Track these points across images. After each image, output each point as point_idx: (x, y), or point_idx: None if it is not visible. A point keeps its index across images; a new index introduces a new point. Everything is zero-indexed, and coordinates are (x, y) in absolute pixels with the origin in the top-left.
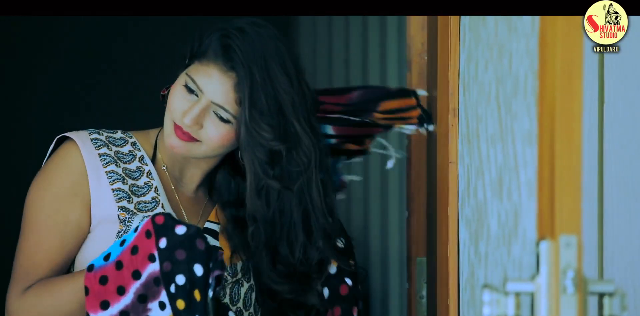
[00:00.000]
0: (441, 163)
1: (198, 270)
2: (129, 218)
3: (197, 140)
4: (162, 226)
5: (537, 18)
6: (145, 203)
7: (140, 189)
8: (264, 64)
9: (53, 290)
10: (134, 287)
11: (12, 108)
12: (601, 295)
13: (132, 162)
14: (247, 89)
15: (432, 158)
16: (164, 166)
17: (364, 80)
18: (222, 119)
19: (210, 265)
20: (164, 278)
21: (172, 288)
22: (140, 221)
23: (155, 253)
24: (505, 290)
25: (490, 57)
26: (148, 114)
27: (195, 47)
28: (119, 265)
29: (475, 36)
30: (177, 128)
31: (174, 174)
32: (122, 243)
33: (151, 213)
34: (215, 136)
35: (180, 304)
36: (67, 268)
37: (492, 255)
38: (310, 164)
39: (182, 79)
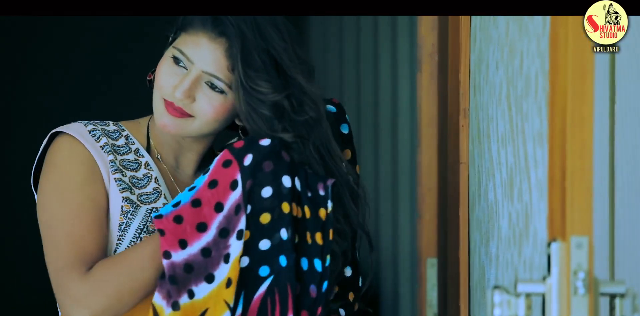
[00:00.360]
0: (452, 164)
1: (286, 181)
2: (132, 211)
3: (190, 116)
4: (245, 145)
5: (548, 19)
6: (147, 194)
7: (140, 181)
8: (254, 22)
9: (123, 261)
10: (216, 221)
11: (17, 108)
12: (612, 296)
13: (129, 153)
14: (239, 48)
15: (443, 159)
16: (158, 155)
17: (375, 80)
18: (215, 90)
19: (305, 176)
20: (244, 198)
21: (249, 208)
22: (144, 215)
23: (238, 177)
24: (516, 291)
25: (501, 58)
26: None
27: (180, 21)
28: (195, 203)
29: (486, 36)
30: (168, 105)
31: (169, 162)
32: (192, 188)
33: (155, 205)
34: (209, 109)
35: (265, 218)
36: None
37: (502, 256)
38: (320, 112)
39: (169, 53)
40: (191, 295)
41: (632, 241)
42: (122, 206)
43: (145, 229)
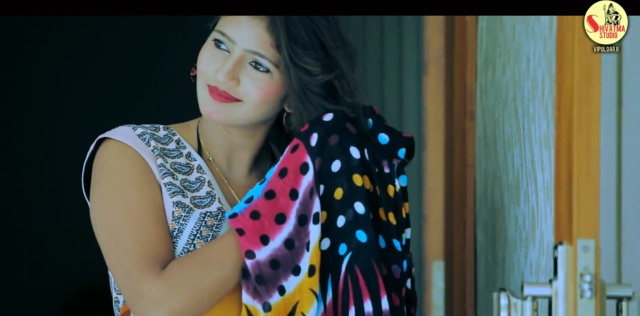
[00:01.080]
0: (458, 167)
1: (355, 152)
2: (184, 216)
3: (237, 100)
4: (309, 126)
5: (554, 21)
6: (201, 198)
7: (192, 184)
8: None
9: (199, 259)
10: (294, 209)
11: (18, 109)
12: (619, 299)
13: (180, 157)
14: (282, 22)
15: (449, 162)
16: (209, 157)
17: (381, 83)
18: (259, 69)
19: (372, 150)
20: (316, 179)
21: (322, 188)
22: (197, 219)
23: (307, 159)
24: (522, 294)
25: (507, 60)
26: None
27: None
28: (269, 194)
29: (493, 39)
30: (212, 90)
31: (221, 164)
32: (262, 182)
33: (208, 209)
34: (256, 91)
35: (338, 193)
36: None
37: (509, 258)
38: (357, 102)
39: (210, 37)
40: (282, 291)
41: (638, 244)
42: (173, 211)
43: (199, 235)
